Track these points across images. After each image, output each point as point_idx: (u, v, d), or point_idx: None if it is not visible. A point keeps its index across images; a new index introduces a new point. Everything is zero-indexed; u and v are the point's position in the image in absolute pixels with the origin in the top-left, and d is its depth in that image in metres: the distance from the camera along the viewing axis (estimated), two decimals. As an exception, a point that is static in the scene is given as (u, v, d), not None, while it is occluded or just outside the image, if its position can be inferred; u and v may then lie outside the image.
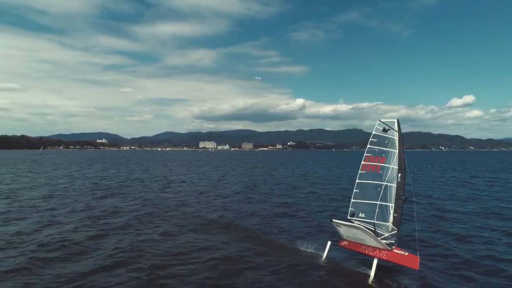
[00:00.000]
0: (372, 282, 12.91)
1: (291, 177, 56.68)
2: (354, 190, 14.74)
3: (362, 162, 14.65)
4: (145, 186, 41.58)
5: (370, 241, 13.48)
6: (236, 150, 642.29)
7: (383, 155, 14.28)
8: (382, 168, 14.19)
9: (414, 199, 15.57)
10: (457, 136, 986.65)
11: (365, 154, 14.66)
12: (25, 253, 15.46)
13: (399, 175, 13.86)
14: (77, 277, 12.96)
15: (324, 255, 15.36)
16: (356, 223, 14.16)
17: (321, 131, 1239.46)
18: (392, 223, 13.88)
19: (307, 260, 15.30)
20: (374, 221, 14.01)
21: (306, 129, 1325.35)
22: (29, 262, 14.30)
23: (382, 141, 14.42)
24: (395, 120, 14.41)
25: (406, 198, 14.00)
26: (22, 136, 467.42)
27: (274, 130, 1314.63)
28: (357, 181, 14.70)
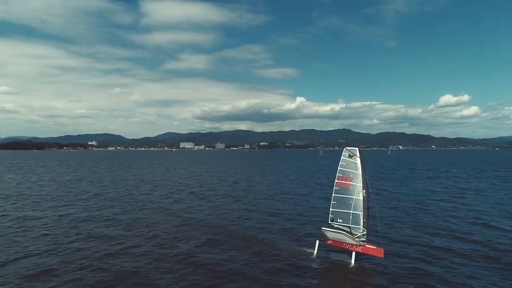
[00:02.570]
0: (352, 267, 18.21)
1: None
2: (332, 201, 19.40)
3: (336, 181, 19.32)
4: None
5: (350, 240, 18.57)
6: (210, 149, 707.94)
7: (351, 176, 18.91)
8: (352, 185, 18.82)
9: (375, 208, 20.29)
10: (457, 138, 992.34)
11: (337, 174, 19.31)
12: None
13: (364, 190, 18.53)
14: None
15: (315, 251, 20.00)
16: (336, 227, 19.12)
17: (311, 131, 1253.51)
18: (362, 226, 18.62)
19: (301, 256, 19.85)
20: (350, 225, 18.83)
21: (298, 129, 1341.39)
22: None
23: (349, 164, 19.06)
24: (357, 149, 19.18)
25: (370, 207, 18.77)
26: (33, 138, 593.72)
27: (275, 130, 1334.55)
28: (333, 194, 19.36)
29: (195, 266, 18.01)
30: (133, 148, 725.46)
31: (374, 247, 18.19)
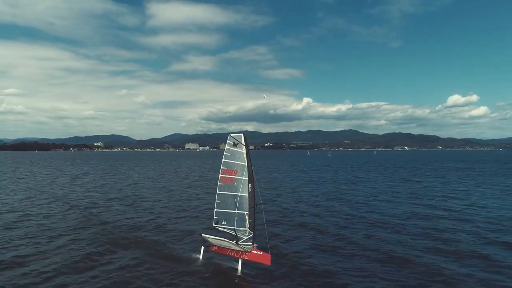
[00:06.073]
0: (238, 276, 15.32)
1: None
2: (216, 201, 16.08)
3: (220, 175, 15.91)
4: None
5: (234, 247, 15.56)
6: (214, 150, 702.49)
7: (236, 168, 15.54)
8: (236, 180, 15.47)
9: (262, 206, 17.83)
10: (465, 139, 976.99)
11: (221, 167, 15.89)
12: None
13: (249, 185, 15.20)
14: None
15: (200, 258, 16.94)
16: (221, 231, 16.05)
17: (317, 132, 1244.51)
18: (248, 228, 15.47)
19: (187, 264, 16.76)
20: (235, 227, 15.65)
21: (304, 130, 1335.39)
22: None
23: (234, 155, 15.66)
24: (242, 135, 15.69)
25: (256, 205, 15.61)
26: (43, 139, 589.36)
27: (282, 131, 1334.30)
28: (217, 192, 16.03)
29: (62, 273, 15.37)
30: (138, 149, 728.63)
31: (261, 253, 15.18)
